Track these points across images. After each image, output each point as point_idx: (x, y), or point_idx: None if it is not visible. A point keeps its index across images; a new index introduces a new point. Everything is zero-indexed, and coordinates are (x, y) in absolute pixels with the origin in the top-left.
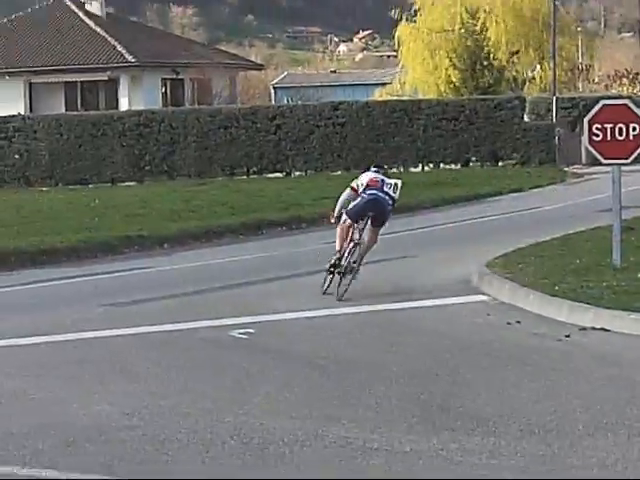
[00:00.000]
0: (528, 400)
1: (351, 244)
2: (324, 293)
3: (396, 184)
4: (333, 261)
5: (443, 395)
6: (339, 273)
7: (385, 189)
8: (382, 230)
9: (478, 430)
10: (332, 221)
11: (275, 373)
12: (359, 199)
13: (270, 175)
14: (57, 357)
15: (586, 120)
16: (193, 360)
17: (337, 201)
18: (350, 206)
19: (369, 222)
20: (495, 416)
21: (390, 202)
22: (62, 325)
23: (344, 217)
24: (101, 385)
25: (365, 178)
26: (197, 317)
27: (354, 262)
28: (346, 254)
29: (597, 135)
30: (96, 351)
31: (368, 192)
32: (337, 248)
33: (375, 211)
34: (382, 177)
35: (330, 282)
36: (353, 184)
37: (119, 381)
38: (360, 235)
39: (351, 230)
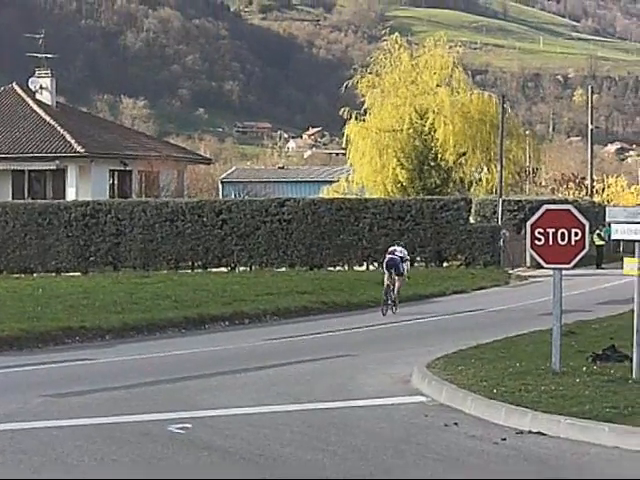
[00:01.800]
0: None
1: (388, 285)
2: (383, 315)
3: (401, 250)
4: (384, 298)
5: None
6: (388, 303)
7: (396, 253)
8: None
9: None
10: None
11: (210, 469)
12: (384, 260)
13: (215, 269)
14: None
15: (529, 224)
16: (130, 454)
17: None
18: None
19: (393, 273)
20: None
21: (399, 259)
22: None
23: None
24: (36, 477)
25: (389, 249)
26: (136, 410)
27: (394, 295)
28: (388, 291)
29: (539, 239)
30: (33, 442)
31: (387, 256)
32: (383, 291)
33: (392, 265)
34: (395, 247)
35: (385, 309)
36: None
37: (54, 473)
38: (392, 280)
39: (388, 277)
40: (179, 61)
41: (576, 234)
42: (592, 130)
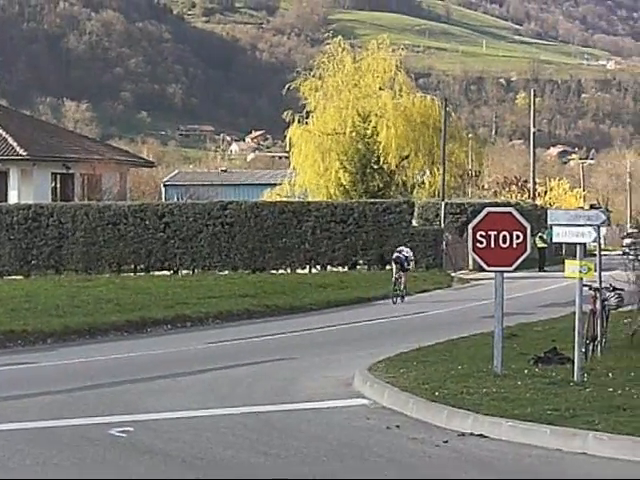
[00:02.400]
0: None
1: (396, 279)
2: (394, 304)
3: (407, 250)
4: (393, 289)
5: None
6: (397, 294)
7: (403, 253)
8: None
9: None
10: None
11: (151, 472)
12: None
13: (157, 273)
14: None
15: (470, 227)
16: (71, 458)
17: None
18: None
19: (401, 269)
20: None
21: (404, 258)
22: None
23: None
24: None
25: (397, 248)
26: (77, 414)
27: (402, 287)
28: (397, 284)
29: (481, 242)
30: None
31: (395, 254)
32: (392, 284)
33: (398, 262)
34: (402, 247)
35: (395, 299)
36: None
37: None
38: (399, 274)
39: (397, 272)
40: (122, 64)
41: (518, 237)
42: (534, 133)
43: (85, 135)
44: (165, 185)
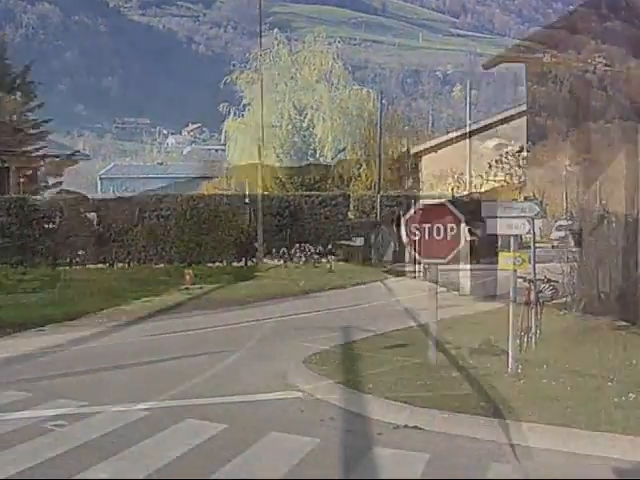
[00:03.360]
0: None
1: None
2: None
3: None
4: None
5: None
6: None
7: None
8: None
9: None
10: None
11: (84, 466)
12: None
13: (92, 266)
14: None
15: (404, 219)
16: (4, 451)
17: None
18: None
19: None
20: None
21: None
22: None
23: None
24: None
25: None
26: (11, 408)
27: None
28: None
29: (415, 234)
30: None
31: None
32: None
33: None
34: None
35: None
36: None
37: None
38: None
39: None
40: (58, 57)
41: (452, 229)
42: (470, 126)
43: (20, 128)
44: (101, 178)
